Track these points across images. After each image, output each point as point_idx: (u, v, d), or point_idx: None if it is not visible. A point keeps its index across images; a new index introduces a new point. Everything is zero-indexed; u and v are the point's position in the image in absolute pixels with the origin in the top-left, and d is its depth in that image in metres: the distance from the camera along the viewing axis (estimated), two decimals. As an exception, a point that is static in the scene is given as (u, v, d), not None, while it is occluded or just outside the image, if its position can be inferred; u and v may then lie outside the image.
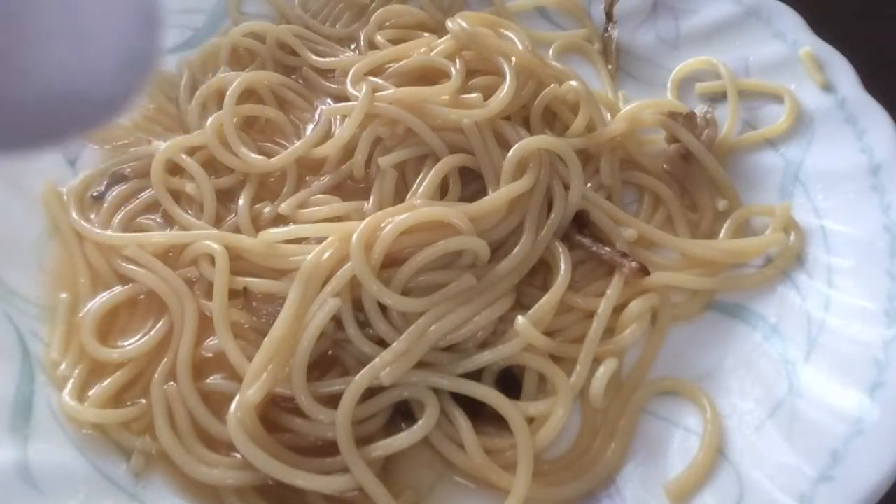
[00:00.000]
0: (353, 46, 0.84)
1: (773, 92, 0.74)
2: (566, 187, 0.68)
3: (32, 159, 0.68)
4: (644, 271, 0.63)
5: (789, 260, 0.64)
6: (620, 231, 0.66)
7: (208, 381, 0.60)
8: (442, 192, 0.68)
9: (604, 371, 0.58)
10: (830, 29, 0.74)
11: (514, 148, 0.66)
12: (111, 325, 0.63)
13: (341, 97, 0.76)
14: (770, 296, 0.63)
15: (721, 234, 0.68)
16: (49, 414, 0.57)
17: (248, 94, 0.76)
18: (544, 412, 0.57)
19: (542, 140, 0.67)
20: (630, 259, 0.63)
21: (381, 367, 0.56)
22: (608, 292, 0.62)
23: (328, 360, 0.61)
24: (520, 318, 0.59)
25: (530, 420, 0.57)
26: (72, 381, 0.59)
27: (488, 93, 0.71)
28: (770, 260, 0.65)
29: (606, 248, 0.64)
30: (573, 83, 0.72)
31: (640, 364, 0.62)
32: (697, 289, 0.64)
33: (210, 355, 0.61)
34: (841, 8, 0.86)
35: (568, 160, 0.67)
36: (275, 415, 0.57)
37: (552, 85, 0.72)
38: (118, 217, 0.68)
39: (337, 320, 0.60)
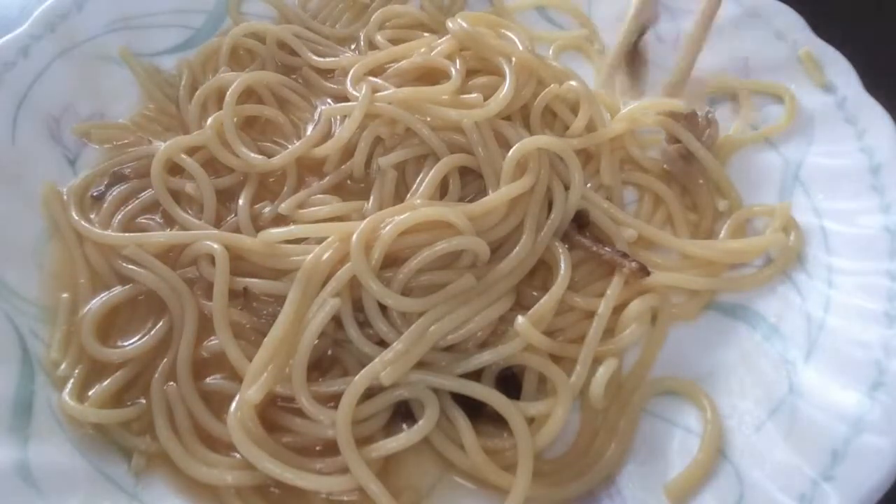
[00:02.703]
0: (353, 46, 0.84)
1: (774, 91, 0.74)
2: (566, 187, 0.68)
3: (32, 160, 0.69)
4: (644, 271, 0.63)
5: (789, 260, 0.64)
6: (620, 231, 0.66)
7: (208, 381, 0.60)
8: (442, 191, 0.68)
9: (604, 371, 0.58)
10: (830, 29, 0.74)
11: (513, 148, 0.66)
12: (111, 325, 0.63)
13: (341, 97, 0.76)
14: (770, 296, 0.63)
15: (721, 234, 0.68)
16: (49, 414, 0.57)
17: (248, 94, 0.76)
18: (544, 412, 0.57)
19: (542, 140, 0.67)
20: (630, 259, 0.63)
21: (381, 367, 0.56)
22: (608, 292, 0.62)
23: (328, 360, 0.61)
24: (519, 319, 0.59)
25: (530, 420, 0.57)
26: (72, 381, 0.59)
27: (488, 93, 0.71)
28: (770, 260, 0.65)
29: (606, 249, 0.64)
30: (573, 83, 0.72)
31: (641, 364, 0.62)
32: (698, 289, 0.64)
33: (210, 355, 0.61)
34: (841, 8, 0.86)
35: (568, 160, 0.67)
36: (275, 415, 0.57)
37: (552, 85, 0.72)
38: (118, 217, 0.68)
39: (337, 320, 0.60)
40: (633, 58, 0.83)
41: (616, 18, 0.85)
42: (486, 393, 0.57)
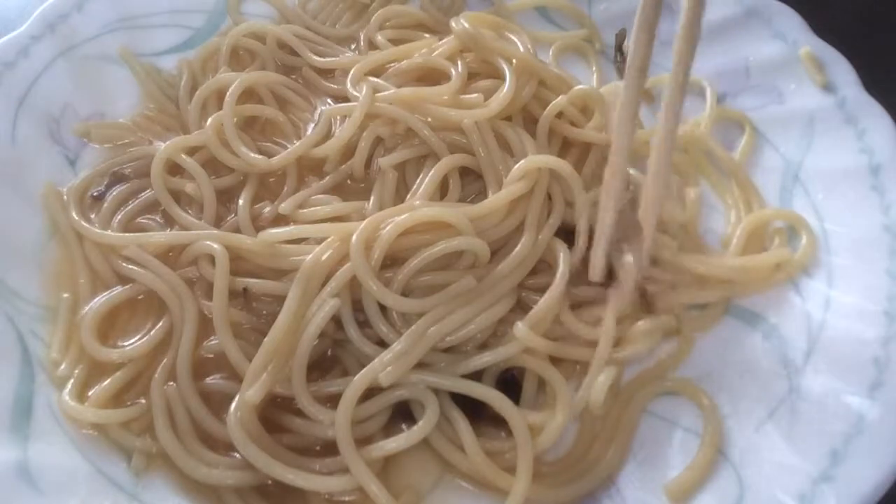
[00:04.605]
0: (353, 46, 0.84)
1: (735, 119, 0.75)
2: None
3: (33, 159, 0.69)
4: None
5: (800, 265, 0.63)
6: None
7: (208, 381, 0.60)
8: (442, 192, 0.68)
9: (603, 379, 0.58)
10: (830, 29, 0.74)
11: (517, 166, 0.65)
12: (111, 325, 0.63)
13: (341, 97, 0.76)
14: (770, 296, 0.63)
15: (734, 241, 0.67)
16: (49, 414, 0.57)
17: (248, 94, 0.76)
18: (541, 424, 0.57)
19: (547, 160, 0.66)
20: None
21: (381, 367, 0.56)
22: (606, 324, 0.60)
23: (328, 361, 0.61)
24: (518, 324, 0.58)
25: (530, 425, 0.57)
26: (72, 381, 0.59)
27: (489, 96, 0.71)
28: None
29: None
30: (583, 86, 0.73)
31: (647, 374, 0.61)
32: (712, 301, 0.64)
33: (210, 355, 0.61)
34: (841, 8, 0.86)
35: (572, 183, 0.66)
36: (275, 415, 0.57)
37: (560, 97, 0.72)
38: (118, 217, 0.68)
39: (337, 320, 0.60)
40: (625, 66, 0.82)
41: (616, 18, 0.85)
42: (485, 393, 0.57)
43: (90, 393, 0.59)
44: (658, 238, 0.64)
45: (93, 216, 0.69)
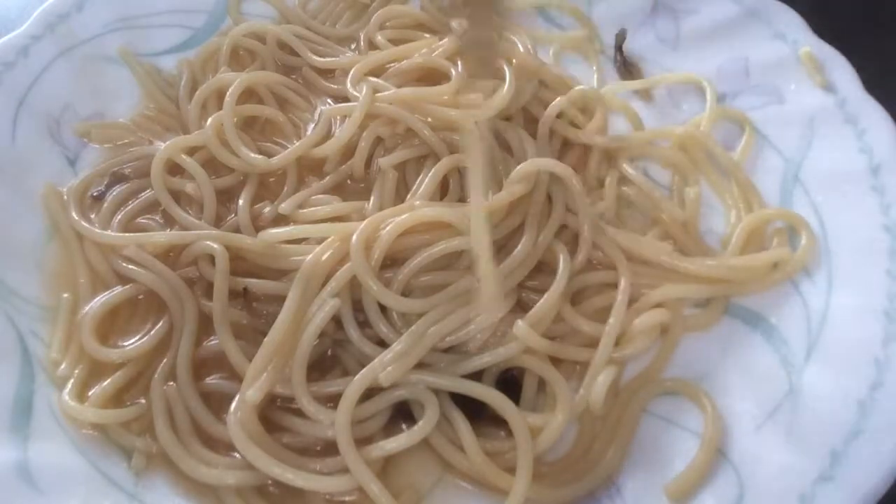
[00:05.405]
0: (353, 46, 0.84)
1: (735, 118, 0.74)
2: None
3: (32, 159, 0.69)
4: None
5: (799, 264, 0.63)
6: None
7: (208, 381, 0.60)
8: (442, 192, 0.68)
9: (603, 379, 0.58)
10: (830, 29, 0.74)
11: (517, 169, 0.65)
12: (111, 325, 0.63)
13: (341, 97, 0.76)
14: (770, 295, 0.63)
15: (733, 241, 0.66)
16: (49, 414, 0.57)
17: (248, 94, 0.76)
18: (541, 426, 0.57)
19: (547, 163, 0.66)
20: None
21: (381, 367, 0.56)
22: (610, 320, 0.60)
23: (328, 361, 0.61)
24: (519, 322, 0.58)
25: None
26: (72, 381, 0.59)
27: (489, 96, 0.70)
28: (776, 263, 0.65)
29: None
30: (583, 87, 0.73)
31: (645, 374, 0.61)
32: (707, 297, 0.64)
33: (210, 355, 0.61)
34: (841, 8, 0.86)
35: (572, 188, 0.66)
36: (275, 415, 0.57)
37: (559, 98, 0.72)
38: (118, 217, 0.68)
39: (337, 320, 0.60)
40: (625, 66, 0.82)
41: (616, 18, 0.85)
42: (485, 393, 0.57)
43: (90, 393, 0.59)
44: (655, 244, 0.65)
45: (93, 216, 0.69)
